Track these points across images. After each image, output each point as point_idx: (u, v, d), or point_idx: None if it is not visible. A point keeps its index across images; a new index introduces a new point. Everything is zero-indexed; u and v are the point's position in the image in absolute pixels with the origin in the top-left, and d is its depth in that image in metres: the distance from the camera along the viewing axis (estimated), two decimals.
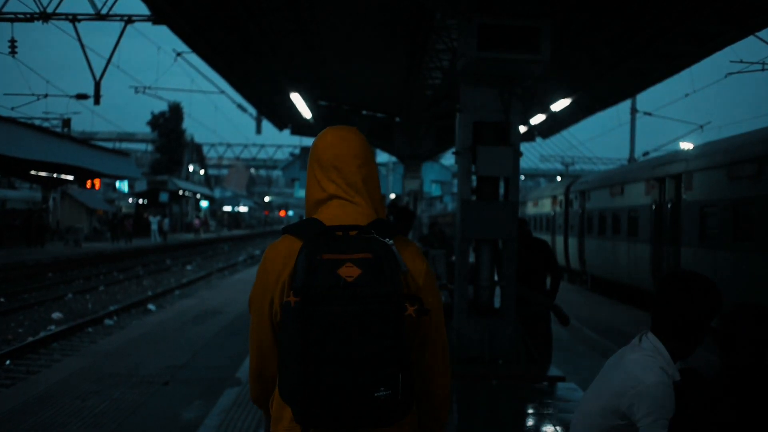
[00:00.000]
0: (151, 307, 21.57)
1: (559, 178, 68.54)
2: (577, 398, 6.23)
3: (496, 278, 9.13)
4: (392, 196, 44.70)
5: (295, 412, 2.33)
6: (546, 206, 33.80)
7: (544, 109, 18.23)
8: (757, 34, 16.19)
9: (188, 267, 38.03)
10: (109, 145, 73.55)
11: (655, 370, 2.94)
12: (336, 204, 2.57)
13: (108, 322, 18.67)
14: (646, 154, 37.23)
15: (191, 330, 14.27)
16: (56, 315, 19.32)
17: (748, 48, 22.89)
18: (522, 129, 12.81)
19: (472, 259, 9.06)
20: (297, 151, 52.66)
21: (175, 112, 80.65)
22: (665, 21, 12.79)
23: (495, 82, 8.05)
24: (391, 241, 2.41)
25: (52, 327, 17.56)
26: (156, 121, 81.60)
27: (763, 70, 22.07)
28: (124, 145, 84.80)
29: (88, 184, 45.43)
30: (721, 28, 13.16)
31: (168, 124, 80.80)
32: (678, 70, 16.33)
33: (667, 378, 2.93)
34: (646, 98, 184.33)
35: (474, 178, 8.66)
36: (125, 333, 14.58)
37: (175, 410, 8.29)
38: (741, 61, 21.95)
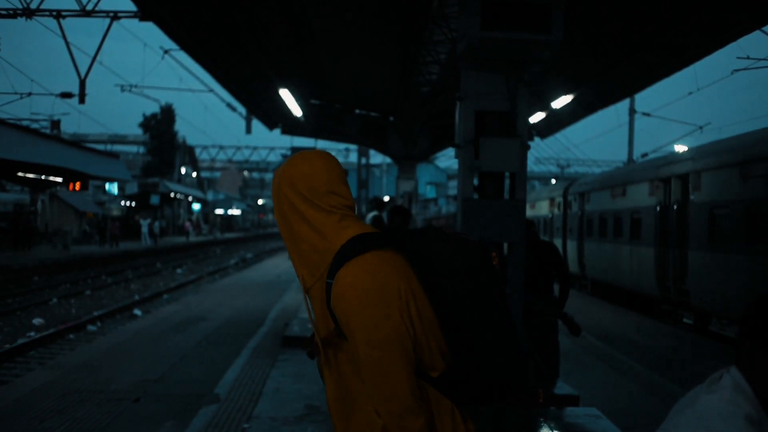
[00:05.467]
0: (137, 312, 20.92)
1: (553, 181, 68.23)
2: (598, 428, 5.37)
3: None
4: (386, 198, 43.99)
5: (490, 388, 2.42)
6: (543, 208, 33.24)
7: (545, 107, 17.52)
8: (765, 29, 15.51)
9: (178, 270, 37.49)
10: (101, 147, 72.84)
11: (737, 420, 2.08)
12: (355, 223, 2.51)
13: (91, 328, 17.95)
14: (644, 155, 36.66)
15: (172, 339, 13.50)
16: (37, 321, 18.68)
17: (754, 44, 22.25)
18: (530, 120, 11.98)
19: None
20: (289, 153, 52.02)
21: (167, 113, 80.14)
22: (677, 10, 12.08)
23: (500, 66, 7.24)
24: None
25: (32, 333, 16.81)
26: (148, 123, 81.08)
27: None
28: (116, 147, 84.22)
29: (73, 186, 44.61)
30: (736, 17, 12.46)
31: (160, 126, 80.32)
32: (687, 64, 15.62)
33: (753, 430, 2.08)
34: (644, 99, 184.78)
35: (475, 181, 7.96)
36: (103, 342, 13.86)
37: None
38: (747, 57, 21.28)
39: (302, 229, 2.49)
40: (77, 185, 43.51)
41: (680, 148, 28.57)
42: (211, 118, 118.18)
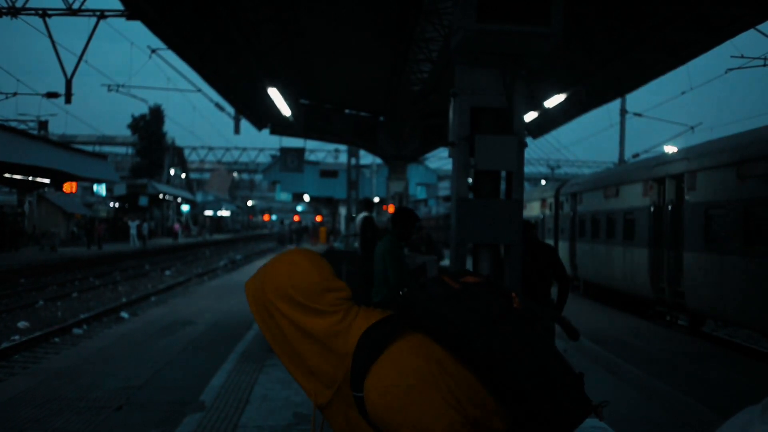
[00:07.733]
0: (124, 314, 20.62)
1: (543, 182, 68.14)
2: None
3: None
4: (377, 199, 43.78)
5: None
6: (534, 209, 32.99)
7: (537, 105, 17.26)
8: (758, 27, 15.28)
9: (167, 272, 37.18)
10: (89, 148, 72.30)
11: None
12: (358, 315, 2.34)
13: (77, 331, 17.64)
14: (636, 156, 36.52)
15: (157, 343, 13.17)
16: (22, 324, 18.35)
17: (749, 43, 22.07)
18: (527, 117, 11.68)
19: (469, 266, 7.99)
20: (279, 153, 51.79)
21: (156, 114, 79.69)
22: (675, 6, 11.83)
23: (497, 60, 6.94)
24: None
25: (17, 337, 16.49)
26: (136, 124, 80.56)
27: (765, 65, 21.21)
28: (105, 149, 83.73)
29: (66, 188, 44.34)
30: (736, 12, 12.21)
31: (148, 127, 79.81)
32: (683, 62, 15.37)
33: None
34: (635, 99, 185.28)
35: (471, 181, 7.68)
36: (88, 345, 13.55)
37: None
38: (742, 56, 21.06)
39: (306, 344, 2.31)
40: (73, 186, 43.14)
41: (670, 148, 28.43)
42: (199, 118, 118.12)
